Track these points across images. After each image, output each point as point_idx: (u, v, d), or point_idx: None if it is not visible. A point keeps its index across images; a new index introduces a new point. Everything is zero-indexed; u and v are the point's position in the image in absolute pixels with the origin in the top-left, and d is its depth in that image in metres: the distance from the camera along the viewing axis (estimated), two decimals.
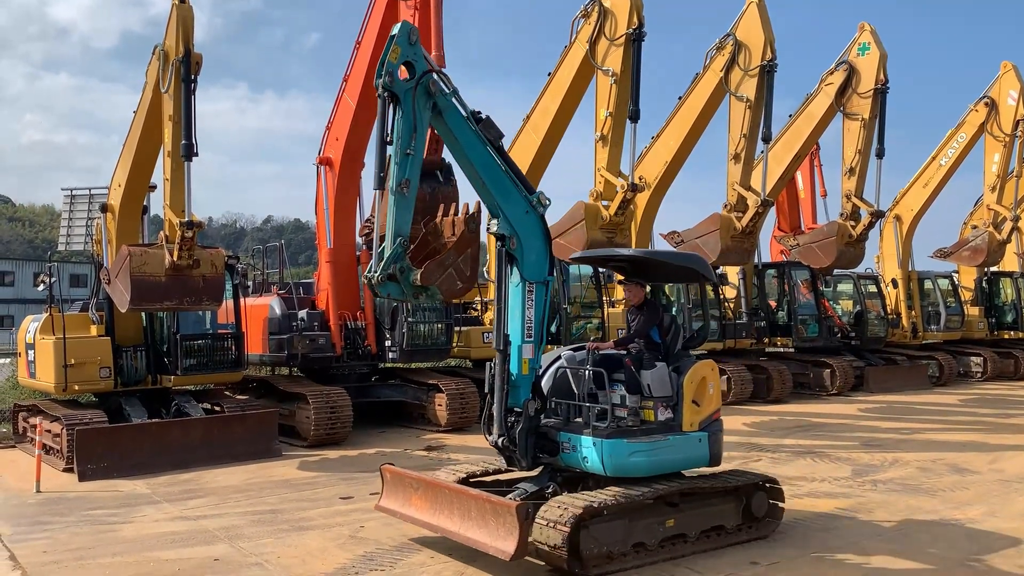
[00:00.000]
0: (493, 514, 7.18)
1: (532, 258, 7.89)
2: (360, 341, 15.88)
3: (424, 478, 8.30)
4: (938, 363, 24.62)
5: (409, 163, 7.39)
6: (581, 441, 7.78)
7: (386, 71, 7.38)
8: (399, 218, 7.38)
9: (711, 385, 8.29)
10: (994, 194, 24.78)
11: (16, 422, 15.30)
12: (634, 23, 15.65)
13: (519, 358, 7.81)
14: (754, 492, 8.42)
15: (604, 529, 7.28)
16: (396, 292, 7.56)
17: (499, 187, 7.83)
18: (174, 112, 12.05)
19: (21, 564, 8.04)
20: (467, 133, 7.77)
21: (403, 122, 7.40)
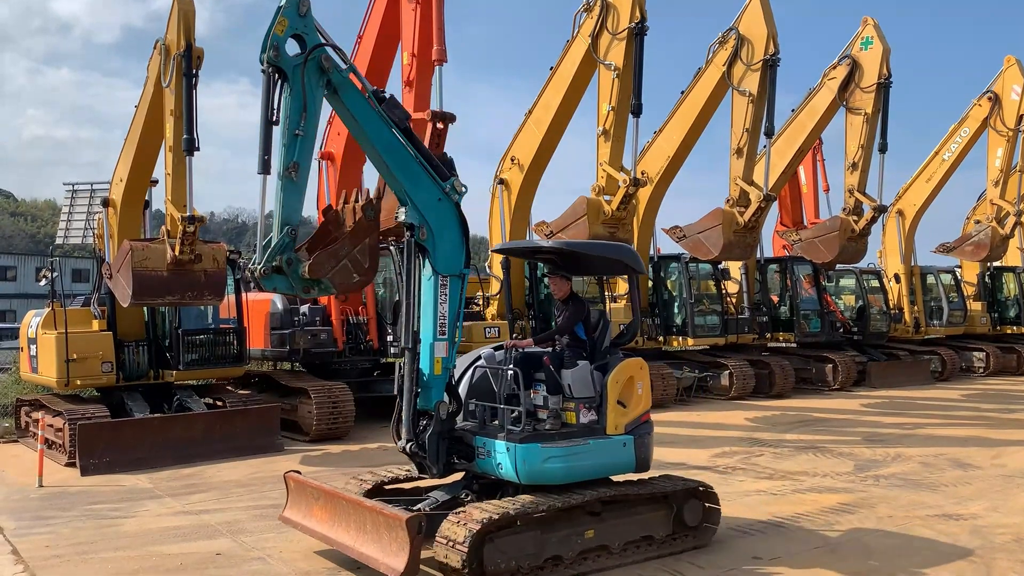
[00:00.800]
0: (386, 527, 6.70)
1: (446, 249, 7.36)
2: (362, 336, 15.90)
3: (324, 488, 7.79)
4: (940, 358, 24.59)
5: (298, 145, 6.91)
6: (495, 446, 7.22)
7: (271, 45, 6.86)
8: (287, 205, 6.92)
9: (639, 385, 7.75)
10: (997, 189, 24.69)
11: (18, 417, 15.33)
12: (636, 17, 15.61)
13: (431, 357, 7.29)
14: (686, 499, 7.88)
15: (512, 542, 6.75)
16: (283, 285, 7.07)
17: (406, 173, 7.27)
18: (175, 107, 12.04)
19: (24, 559, 8.05)
20: (367, 113, 7.21)
21: (292, 100, 6.91)
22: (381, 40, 14.33)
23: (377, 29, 14.34)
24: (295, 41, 7.00)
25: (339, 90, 7.10)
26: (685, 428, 15.73)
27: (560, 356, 7.81)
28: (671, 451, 12.80)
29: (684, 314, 20.48)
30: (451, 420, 7.42)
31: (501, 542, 6.69)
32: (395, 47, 13.94)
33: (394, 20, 13.50)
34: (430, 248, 7.32)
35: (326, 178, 15.90)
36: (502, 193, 18.44)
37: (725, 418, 16.88)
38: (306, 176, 6.99)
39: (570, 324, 8.02)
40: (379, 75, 14.84)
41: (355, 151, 15.60)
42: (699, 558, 7.67)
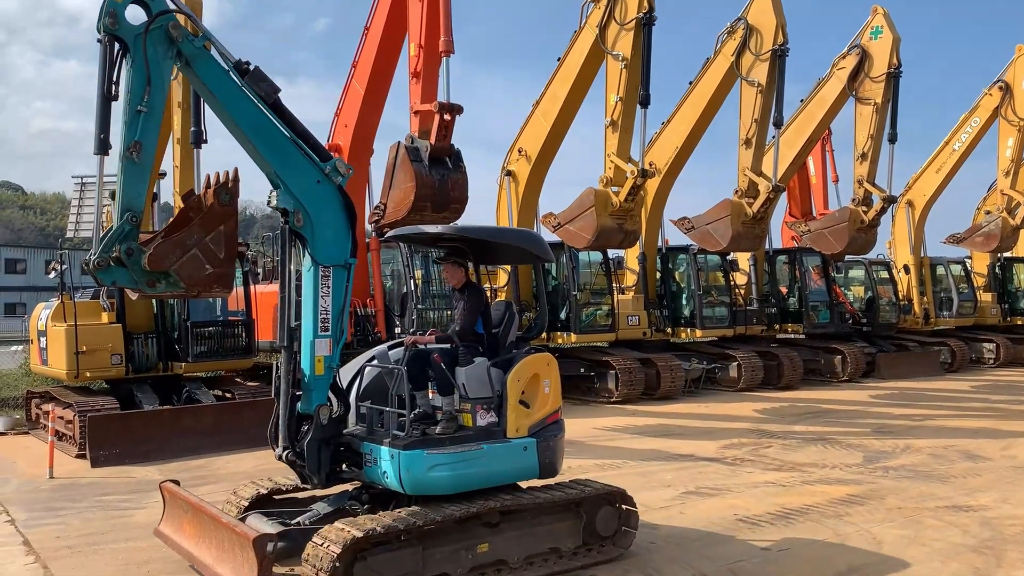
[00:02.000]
0: (239, 547, 6.14)
1: (327, 237, 6.63)
2: (370, 328, 15.91)
3: (192, 501, 7.05)
4: (950, 349, 24.50)
5: (141, 122, 6.08)
6: (381, 452, 6.55)
7: (107, 11, 6.04)
8: (128, 189, 6.07)
9: (546, 383, 7.05)
10: (1008, 179, 24.56)
11: (29, 409, 15.40)
12: (644, 7, 15.53)
13: (312, 356, 6.67)
14: (598, 507, 7.15)
15: (388, 560, 6.05)
16: (124, 279, 6.20)
17: (276, 153, 6.49)
18: (183, 99, 12.05)
19: (35, 549, 8.09)
20: (228, 87, 6.41)
21: (134, 74, 6.10)
22: (388, 31, 14.30)
23: (384, 20, 14.30)
24: (140, 8, 6.27)
25: (191, 62, 6.31)
26: (693, 420, 15.72)
27: (453, 353, 7.02)
28: (680, 443, 12.78)
29: (692, 306, 20.44)
30: (336, 425, 6.78)
31: (375, 560, 6.00)
32: (402, 38, 13.91)
33: (401, 11, 13.46)
34: (308, 236, 6.59)
35: None
36: (509, 185, 18.40)
37: (733, 410, 16.86)
38: (151, 158, 6.19)
39: (471, 318, 7.26)
40: (386, 66, 14.82)
41: (361, 143, 15.61)
42: (708, 550, 7.67)
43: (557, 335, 18.47)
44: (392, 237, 8.76)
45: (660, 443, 13.03)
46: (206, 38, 6.39)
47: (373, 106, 15.21)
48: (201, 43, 6.36)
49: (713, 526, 8.42)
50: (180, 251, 6.28)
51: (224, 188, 6.54)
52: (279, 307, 6.84)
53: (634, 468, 11.13)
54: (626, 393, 17.63)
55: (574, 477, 7.65)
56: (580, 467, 11.34)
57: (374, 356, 7.44)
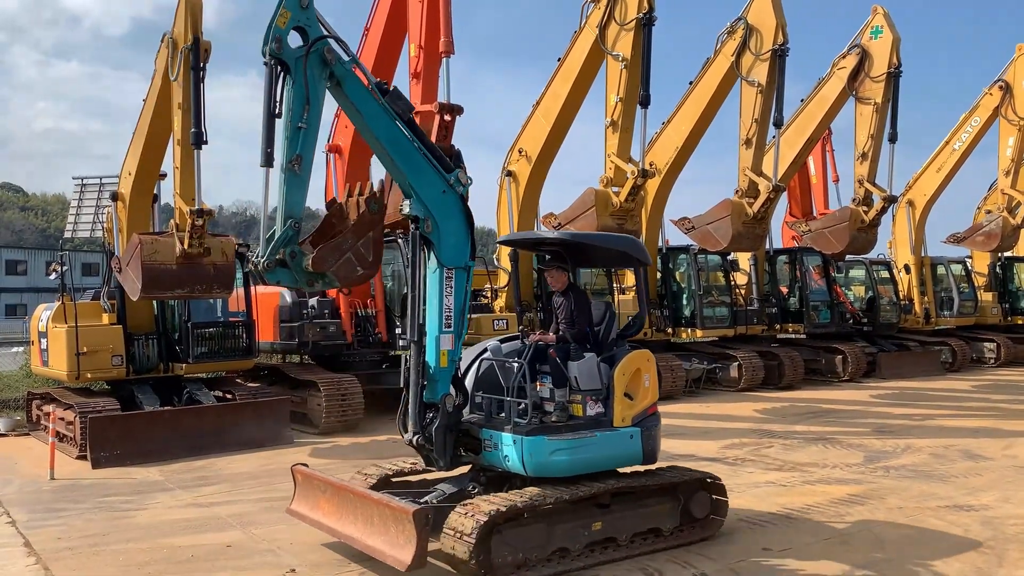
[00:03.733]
0: (393, 520, 6.70)
1: (451, 242, 7.29)
2: (371, 328, 15.93)
3: (331, 481, 7.78)
4: (951, 349, 24.49)
5: (301, 138, 6.85)
6: (502, 439, 7.24)
7: (273, 37, 6.76)
8: (290, 198, 6.86)
9: (646, 377, 7.74)
10: (1008, 178, 24.53)
11: (30, 410, 15.41)
12: (644, 7, 15.53)
13: (437, 350, 7.27)
14: (694, 491, 7.85)
15: (519, 534, 6.78)
16: (287, 279, 7.02)
17: (410, 165, 7.20)
18: (183, 100, 12.03)
19: (36, 550, 8.10)
20: (371, 106, 7.14)
21: (295, 93, 6.83)
22: (388, 32, 14.31)
23: (384, 21, 14.32)
24: (297, 33, 6.95)
25: (342, 83, 7.03)
26: (694, 420, 15.72)
27: (566, 349, 7.74)
28: (681, 443, 12.78)
29: (693, 305, 20.43)
30: (457, 413, 7.38)
31: (508, 534, 6.71)
32: (402, 39, 13.92)
33: (401, 12, 13.48)
34: (435, 241, 7.26)
35: (333, 171, 15.89)
36: (510, 185, 18.40)
37: (734, 409, 16.86)
38: (309, 169, 6.94)
39: (586, 318, 7.98)
40: (386, 67, 14.81)
41: (363, 144, 15.54)
42: (709, 549, 7.67)
43: None
44: (503, 242, 9.52)
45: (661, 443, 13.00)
46: (354, 62, 7.11)
47: None
48: (350, 66, 7.06)
49: None
50: (337, 255, 7.11)
51: (373, 199, 7.38)
52: (409, 306, 7.37)
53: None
54: None
55: None
56: None
57: (486, 349, 8.10)
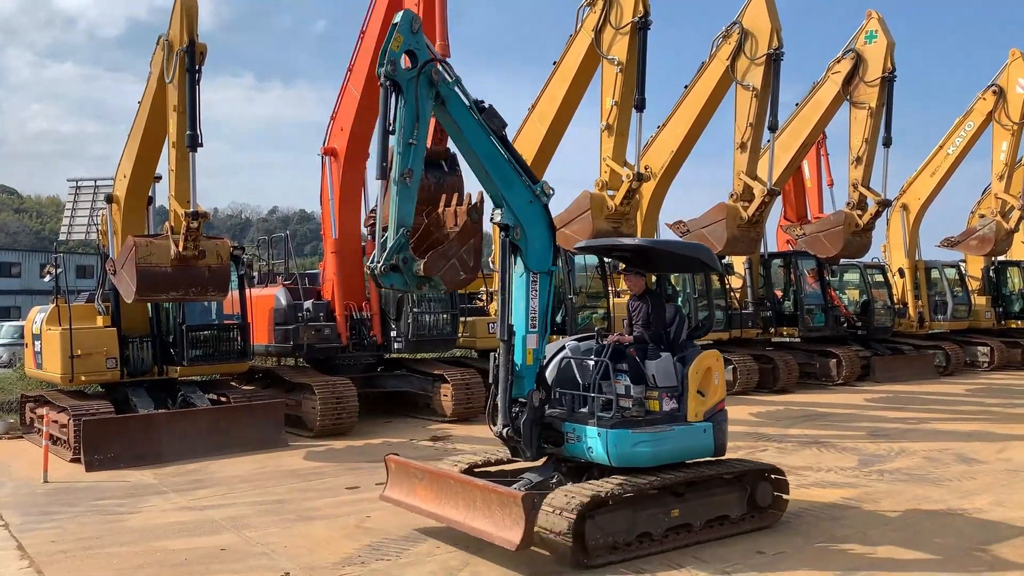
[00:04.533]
0: (499, 504, 7.21)
1: (536, 247, 7.85)
2: (366, 331, 15.90)
3: (428, 468, 8.31)
4: (945, 353, 24.53)
5: (412, 153, 7.33)
6: (586, 431, 7.78)
7: (388, 60, 7.33)
8: (402, 208, 7.35)
9: (716, 375, 8.27)
10: (1002, 183, 24.59)
11: (23, 413, 15.38)
12: (640, 11, 15.55)
13: (523, 348, 7.79)
14: (758, 481, 8.40)
15: (609, 520, 7.30)
16: (399, 283, 7.56)
17: (502, 176, 7.77)
18: (179, 103, 12.03)
19: (29, 554, 8.08)
20: (470, 122, 7.70)
21: (406, 111, 7.33)
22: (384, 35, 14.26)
23: (380, 24, 14.31)
24: (406, 56, 7.46)
25: (446, 101, 7.56)
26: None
27: (645, 348, 8.29)
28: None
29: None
30: (542, 408, 7.87)
31: (600, 519, 7.22)
32: None
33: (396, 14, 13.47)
34: (523, 247, 7.81)
35: (329, 173, 15.89)
36: None
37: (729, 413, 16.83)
38: (418, 182, 7.41)
39: (661, 319, 8.49)
40: None
41: (357, 147, 15.61)
42: (702, 552, 7.67)
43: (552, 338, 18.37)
44: (581, 248, 10.32)
45: None
46: (457, 82, 7.63)
47: (369, 110, 15.20)
48: (453, 86, 7.58)
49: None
50: (444, 260, 7.70)
51: (475, 209, 7.98)
52: (499, 308, 7.91)
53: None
54: None
55: None
56: None
57: (564, 347, 8.58)
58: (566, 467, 8.26)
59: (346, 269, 15.95)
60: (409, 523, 8.77)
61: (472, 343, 17.70)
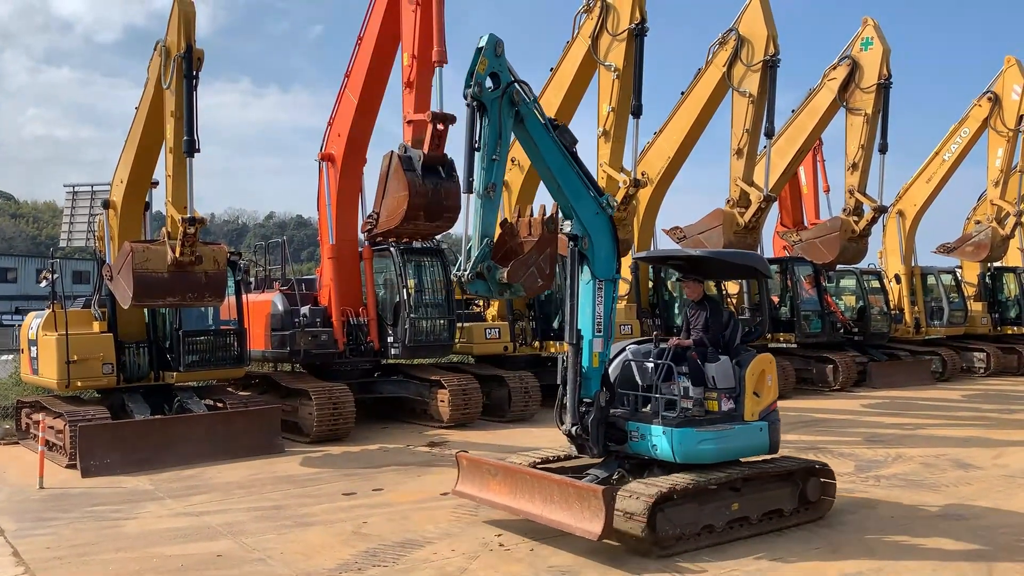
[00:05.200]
0: (577, 498, 7.66)
1: (602, 256, 8.37)
2: (362, 337, 15.89)
3: (503, 464, 8.76)
4: (941, 358, 24.56)
5: (495, 168, 7.83)
6: (651, 430, 8.26)
7: (475, 81, 7.78)
8: (485, 220, 7.84)
9: (769, 377, 8.75)
10: (997, 189, 24.70)
11: (19, 418, 15.32)
12: (636, 18, 15.63)
13: (590, 352, 8.28)
14: (808, 477, 8.83)
15: (677, 512, 7.76)
16: (483, 289, 7.99)
17: (572, 189, 8.27)
18: (176, 108, 12.04)
19: (24, 560, 8.05)
20: (545, 139, 8.20)
21: (490, 129, 7.82)
22: (381, 41, 14.32)
23: (377, 30, 14.33)
24: (489, 78, 7.91)
25: (525, 120, 8.07)
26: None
27: (705, 352, 8.75)
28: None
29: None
30: (608, 407, 8.36)
31: (669, 512, 7.70)
32: (396, 48, 13.93)
33: (394, 21, 13.49)
34: (590, 256, 8.34)
35: (326, 179, 15.89)
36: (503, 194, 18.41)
37: None
38: (500, 194, 7.96)
39: (718, 325, 8.96)
40: (380, 76, 14.84)
41: (354, 153, 15.62)
42: (699, 558, 7.68)
43: (550, 344, 18.48)
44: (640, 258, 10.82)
45: None
46: (535, 102, 8.18)
47: (366, 115, 15.23)
48: (532, 106, 8.12)
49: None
50: (525, 268, 8.09)
51: (551, 220, 8.28)
52: (568, 313, 8.44)
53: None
54: None
55: None
56: None
57: (624, 350, 9.06)
58: (628, 464, 8.69)
59: (343, 274, 15.94)
60: (405, 528, 8.77)
61: (469, 349, 17.70)
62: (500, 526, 8.81)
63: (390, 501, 10.17)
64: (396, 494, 10.53)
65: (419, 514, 9.45)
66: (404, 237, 14.50)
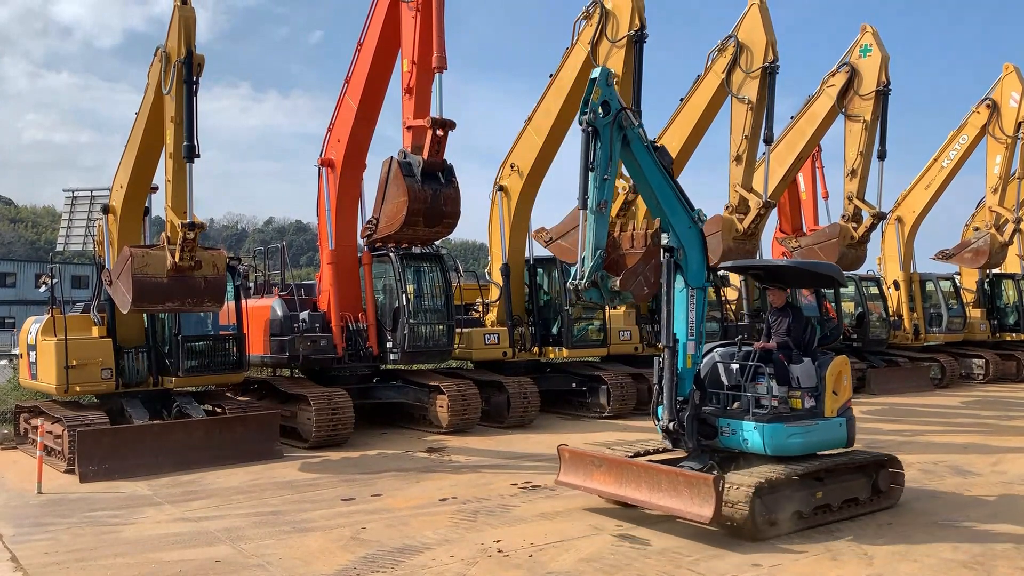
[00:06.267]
0: (687, 485, 8.39)
1: (694, 267, 9.13)
2: (361, 342, 15.89)
3: (608, 456, 9.55)
4: (940, 365, 24.58)
5: (607, 187, 8.61)
6: (742, 426, 9.06)
7: (591, 109, 8.58)
8: (598, 233, 8.55)
9: (845, 377, 9.59)
10: (996, 196, 24.73)
11: (18, 423, 15.31)
12: (635, 24, 15.66)
13: (684, 354, 9.05)
14: (879, 468, 9.63)
15: (771, 500, 8.48)
16: (596, 296, 8.73)
17: (670, 205, 9.06)
18: (176, 113, 12.05)
19: (23, 565, 8.04)
20: (647, 160, 8.97)
21: (602, 152, 8.57)
22: (381, 47, 14.36)
23: (377, 36, 14.37)
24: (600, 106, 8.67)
25: (630, 143, 8.85)
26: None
27: (790, 354, 9.50)
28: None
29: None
30: (701, 405, 9.16)
31: (766, 499, 8.43)
32: (395, 54, 13.97)
33: (394, 27, 13.53)
34: (684, 266, 9.10)
35: (326, 184, 15.91)
36: (502, 199, 18.46)
37: None
38: (610, 210, 8.71)
39: (801, 329, 9.77)
40: (380, 82, 14.87)
41: (354, 158, 15.64)
42: (697, 564, 7.68)
43: (549, 350, 18.48)
44: (727, 268, 11.60)
45: None
46: (640, 126, 8.96)
47: (366, 121, 15.26)
48: (637, 130, 8.90)
49: (705, 540, 8.45)
50: (634, 277, 8.90)
51: (656, 233, 9.19)
52: (664, 319, 9.17)
53: None
54: (618, 408, 17.63)
55: None
56: None
57: (711, 351, 9.72)
58: (717, 457, 9.35)
59: (342, 280, 15.94)
60: (404, 535, 8.77)
61: (468, 354, 17.69)
62: (499, 532, 8.81)
63: (389, 507, 10.16)
64: (395, 500, 10.53)
65: (418, 520, 9.45)
66: (403, 242, 14.53)
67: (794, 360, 9.45)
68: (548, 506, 10.03)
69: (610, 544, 8.40)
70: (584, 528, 9.01)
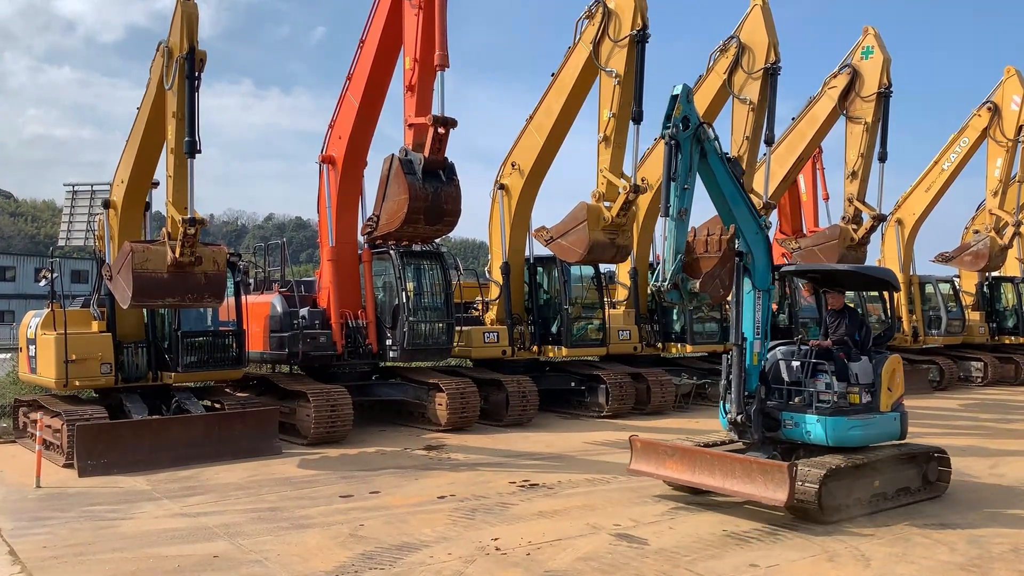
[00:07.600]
0: (760, 472, 8.97)
1: (760, 270, 9.81)
2: (361, 340, 15.89)
3: (680, 445, 10.16)
4: (939, 367, 24.58)
5: (686, 196, 9.19)
6: (805, 419, 9.67)
7: (673, 124, 9.17)
8: (679, 238, 9.16)
9: (898, 375, 10.15)
10: (996, 199, 24.72)
11: (17, 417, 15.33)
12: (638, 24, 15.63)
13: (751, 352, 9.72)
14: (929, 460, 10.25)
15: (835, 486, 9.09)
16: (677, 297, 9.36)
17: (740, 213, 9.69)
18: (178, 109, 12.05)
19: (21, 559, 8.05)
20: (721, 170, 9.56)
21: (682, 163, 9.17)
22: (383, 45, 14.35)
23: (379, 34, 14.35)
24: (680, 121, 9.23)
25: (707, 155, 9.45)
26: (684, 435, 15.72)
27: (849, 352, 10.07)
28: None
29: (683, 321, 20.48)
30: (766, 399, 9.84)
31: (831, 485, 9.03)
32: (397, 52, 13.96)
33: (396, 25, 13.52)
34: (752, 270, 9.83)
35: (327, 181, 15.91)
36: (502, 198, 18.46)
37: None
38: (689, 217, 9.29)
39: (856, 329, 10.29)
40: (381, 79, 14.86)
41: (355, 155, 15.64)
42: (695, 565, 7.69)
43: (548, 348, 18.49)
44: (789, 273, 12.00)
45: None
46: (716, 139, 9.55)
47: (367, 119, 15.25)
48: (713, 143, 9.48)
49: (702, 541, 8.47)
50: (712, 280, 9.44)
51: (732, 238, 9.63)
52: (734, 319, 9.93)
53: (624, 483, 11.14)
54: (616, 407, 17.65)
55: None
56: (570, 480, 11.37)
57: (774, 349, 10.31)
58: (779, 448, 10.00)
59: (342, 277, 15.95)
60: (402, 532, 8.78)
61: (467, 353, 17.70)
62: (497, 531, 8.83)
63: (387, 504, 10.18)
64: (393, 497, 10.54)
65: (416, 517, 9.46)
66: (404, 240, 14.53)
67: (853, 358, 10.02)
68: (546, 505, 10.04)
69: (608, 543, 8.40)
70: (582, 527, 9.02)
